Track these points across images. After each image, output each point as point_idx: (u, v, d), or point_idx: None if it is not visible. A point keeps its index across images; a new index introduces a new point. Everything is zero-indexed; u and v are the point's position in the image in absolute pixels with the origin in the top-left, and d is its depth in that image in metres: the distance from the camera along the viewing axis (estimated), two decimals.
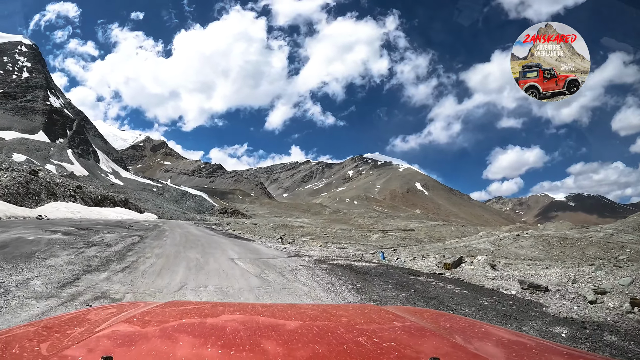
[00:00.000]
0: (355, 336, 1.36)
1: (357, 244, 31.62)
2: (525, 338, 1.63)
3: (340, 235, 46.76)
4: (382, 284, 9.80)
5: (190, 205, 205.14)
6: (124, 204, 69.18)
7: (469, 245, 29.60)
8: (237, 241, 23.58)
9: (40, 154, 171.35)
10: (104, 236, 16.28)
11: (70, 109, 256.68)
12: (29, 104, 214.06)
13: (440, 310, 6.51)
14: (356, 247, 25.19)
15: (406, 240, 42.45)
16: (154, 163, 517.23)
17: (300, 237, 37.94)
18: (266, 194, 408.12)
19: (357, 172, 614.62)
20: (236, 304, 2.16)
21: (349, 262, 14.07)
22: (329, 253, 18.74)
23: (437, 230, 66.38)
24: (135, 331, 1.36)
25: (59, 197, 42.05)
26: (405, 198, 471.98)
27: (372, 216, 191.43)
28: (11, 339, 1.29)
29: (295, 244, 25.24)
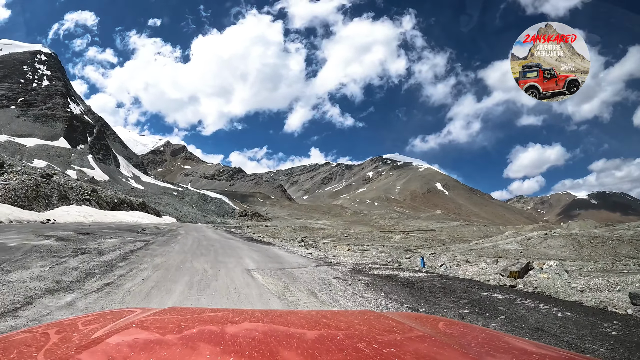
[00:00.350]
0: (355, 342, 1.36)
1: (380, 245, 30.59)
2: (525, 343, 1.63)
3: (361, 237, 45.76)
4: (451, 305, 7.26)
5: (210, 208, 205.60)
6: (142, 207, 67.71)
7: (495, 245, 28.60)
8: (256, 246, 21.23)
9: (61, 159, 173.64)
10: (102, 242, 14.32)
11: (90, 115, 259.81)
12: (49, 112, 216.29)
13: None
14: (379, 249, 24.00)
15: (428, 242, 41.22)
16: (174, 167, 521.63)
17: (321, 239, 37.11)
18: (286, 196, 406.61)
19: (377, 173, 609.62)
20: (236, 310, 2.05)
21: (391, 272, 11.52)
22: (362, 259, 16.26)
23: (458, 230, 65.13)
24: (133, 338, 1.35)
25: (72, 200, 40.43)
26: (425, 198, 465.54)
27: (392, 217, 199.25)
28: (9, 345, 1.28)
29: (320, 248, 22.88)
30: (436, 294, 8.29)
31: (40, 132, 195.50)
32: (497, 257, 22.95)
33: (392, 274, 11.04)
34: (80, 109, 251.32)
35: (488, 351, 1.41)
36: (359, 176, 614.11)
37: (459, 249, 30.95)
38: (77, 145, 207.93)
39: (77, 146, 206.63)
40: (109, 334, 1.37)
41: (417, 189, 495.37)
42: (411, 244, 36.43)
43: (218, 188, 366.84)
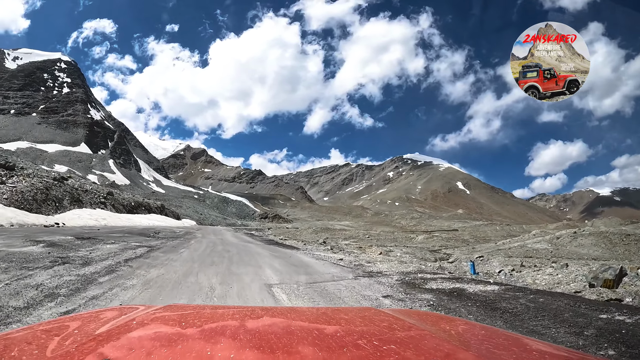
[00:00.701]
0: (356, 339, 1.37)
1: (403, 246, 29.82)
2: (526, 340, 1.63)
3: (383, 237, 45.18)
4: (580, 341, 4.76)
5: (231, 211, 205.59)
6: (160, 210, 66.12)
7: (523, 245, 27.76)
8: (278, 250, 19.00)
9: (82, 165, 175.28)
10: (98, 248, 12.33)
11: (110, 121, 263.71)
12: (70, 118, 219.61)
13: None
14: (403, 250, 23.32)
15: (452, 241, 40.56)
16: (195, 171, 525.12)
17: (343, 240, 36.41)
18: (307, 198, 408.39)
19: (398, 173, 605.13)
20: (236, 307, 2.10)
21: (453, 285, 8.94)
22: (401, 265, 13.75)
23: (481, 230, 64.71)
24: (133, 335, 1.36)
25: (86, 203, 38.81)
26: (446, 198, 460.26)
27: (414, 217, 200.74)
28: (10, 342, 1.28)
29: (349, 252, 20.62)
30: (540, 321, 5.74)
31: (61, 138, 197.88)
32: (527, 257, 22.05)
33: (455, 288, 8.51)
34: (101, 115, 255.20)
35: (488, 348, 1.43)
36: (380, 177, 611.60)
37: (486, 249, 29.86)
38: (98, 151, 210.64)
39: (98, 151, 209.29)
40: (110, 330, 1.39)
41: (438, 189, 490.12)
42: (435, 244, 35.69)
43: (239, 191, 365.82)
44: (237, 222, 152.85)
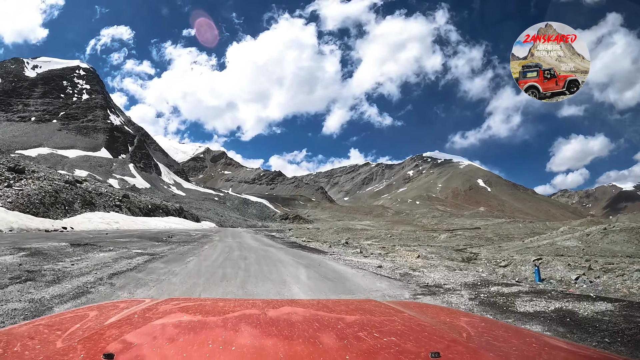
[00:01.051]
0: (356, 331, 1.38)
1: (427, 245, 29.42)
2: (525, 332, 1.66)
3: (405, 236, 44.38)
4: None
5: (252, 212, 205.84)
6: (179, 213, 64.52)
7: (553, 243, 26.72)
8: (304, 256, 16.58)
9: (103, 169, 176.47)
10: (88, 257, 10.46)
11: (130, 125, 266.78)
12: (90, 124, 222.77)
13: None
14: (427, 249, 22.78)
15: (475, 240, 39.25)
16: (215, 173, 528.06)
17: (365, 240, 35.78)
18: (327, 198, 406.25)
19: (418, 172, 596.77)
20: (237, 300, 2.11)
21: (552, 305, 6.44)
22: (459, 275, 11.31)
23: (504, 227, 62.30)
24: (136, 328, 1.37)
25: (99, 206, 37.19)
26: (467, 196, 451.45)
27: (435, 216, 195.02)
28: (13, 338, 1.30)
29: (383, 255, 18.25)
30: None
31: (81, 144, 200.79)
32: (558, 255, 20.64)
33: (561, 310, 6.02)
34: (121, 120, 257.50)
35: (488, 340, 1.44)
36: (399, 175, 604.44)
37: (514, 247, 28.27)
38: (119, 155, 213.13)
39: (118, 156, 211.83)
40: (113, 324, 1.40)
41: (458, 187, 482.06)
42: (459, 243, 34.62)
43: (259, 192, 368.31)
44: (258, 224, 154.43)
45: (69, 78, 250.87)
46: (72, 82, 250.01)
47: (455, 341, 1.29)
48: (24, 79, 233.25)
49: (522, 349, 1.33)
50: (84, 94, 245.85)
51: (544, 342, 1.46)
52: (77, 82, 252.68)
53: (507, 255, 20.15)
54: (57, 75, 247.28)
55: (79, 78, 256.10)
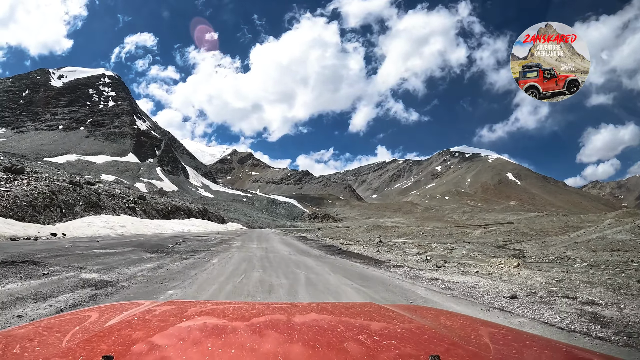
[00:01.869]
0: (356, 334, 1.38)
1: (463, 242, 28.70)
2: (525, 335, 1.65)
3: (438, 233, 43.41)
4: None
5: (280, 212, 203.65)
6: (202, 214, 59.89)
7: (603, 237, 25.67)
8: (357, 271, 11.69)
9: (130, 173, 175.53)
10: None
11: (157, 130, 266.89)
12: (117, 130, 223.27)
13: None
14: (466, 247, 22.59)
15: (512, 235, 37.47)
16: (242, 174, 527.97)
17: (397, 237, 35.27)
18: (355, 196, 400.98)
19: (446, 167, 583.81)
20: (236, 302, 2.11)
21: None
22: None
23: (537, 222, 59.46)
24: (136, 330, 1.36)
25: (107, 209, 32.63)
26: (497, 190, 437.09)
27: (465, 211, 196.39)
28: (12, 339, 1.30)
29: (464, 266, 13.91)
30: None
31: (109, 150, 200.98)
32: (614, 250, 19.54)
33: None
34: (147, 125, 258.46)
35: (488, 343, 1.43)
36: (427, 171, 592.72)
37: (561, 242, 26.80)
38: (146, 160, 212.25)
39: (145, 160, 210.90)
40: (112, 326, 1.40)
41: (487, 181, 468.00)
42: (497, 239, 33.66)
43: (287, 192, 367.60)
44: (287, 224, 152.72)
45: (95, 86, 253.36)
46: (98, 90, 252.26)
47: (455, 344, 1.29)
48: (51, 88, 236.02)
49: (522, 351, 1.35)
50: (110, 101, 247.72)
51: (545, 344, 1.46)
52: (102, 89, 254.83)
53: (558, 252, 19.43)
54: (83, 83, 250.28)
55: (104, 86, 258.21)
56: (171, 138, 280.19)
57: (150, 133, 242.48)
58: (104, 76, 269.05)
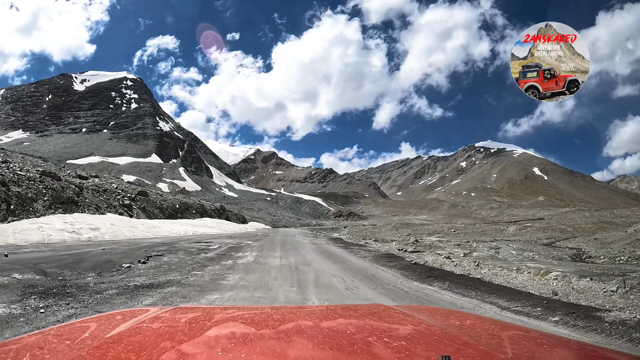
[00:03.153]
0: (366, 336, 1.36)
1: (504, 241, 26.19)
2: (535, 334, 1.65)
3: (470, 231, 42.48)
4: None
5: (305, 210, 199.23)
6: (219, 213, 52.21)
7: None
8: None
9: (152, 174, 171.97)
10: None
11: (180, 131, 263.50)
12: (140, 131, 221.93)
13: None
14: (512, 246, 21.03)
15: (549, 232, 36.49)
16: (266, 174, 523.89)
17: (427, 235, 34.94)
18: (380, 193, 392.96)
19: (471, 163, 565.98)
20: (245, 307, 2.15)
21: None
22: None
23: (569, 217, 59.18)
24: (144, 337, 1.35)
25: (87, 206, 26.19)
26: (524, 185, 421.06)
27: (493, 207, 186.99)
28: (22, 347, 1.29)
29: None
30: None
31: (132, 151, 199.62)
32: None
33: None
34: (170, 126, 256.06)
35: (499, 342, 1.42)
36: (452, 167, 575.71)
37: (619, 239, 24.58)
38: (169, 160, 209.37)
39: (169, 161, 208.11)
40: (121, 333, 1.39)
41: (514, 176, 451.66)
42: (537, 236, 32.71)
43: (311, 190, 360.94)
44: (312, 222, 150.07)
45: (117, 89, 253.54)
46: (120, 93, 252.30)
47: (465, 344, 1.28)
48: (73, 92, 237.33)
49: (534, 350, 1.33)
50: (132, 103, 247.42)
51: (556, 342, 1.44)
52: (125, 92, 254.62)
53: (626, 251, 17.90)
54: (105, 87, 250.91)
55: (126, 88, 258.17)
56: (194, 138, 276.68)
57: (173, 134, 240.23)
58: (125, 79, 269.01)
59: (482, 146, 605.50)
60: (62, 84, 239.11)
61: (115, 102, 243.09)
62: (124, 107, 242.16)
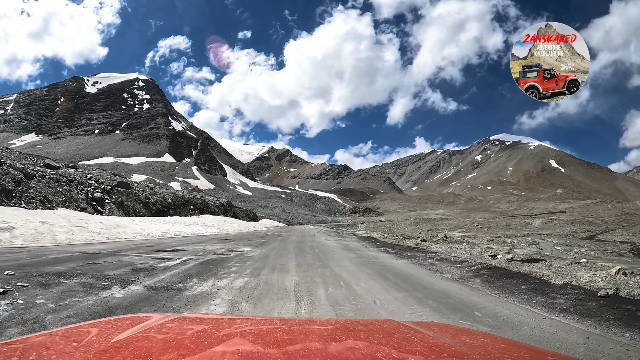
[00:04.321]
0: (374, 352, 1.31)
1: (539, 235, 24.99)
2: (548, 354, 1.57)
3: (494, 225, 40.85)
4: None
5: (320, 207, 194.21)
6: (225, 210, 45.04)
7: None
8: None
9: (164, 173, 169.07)
10: None
11: (193, 130, 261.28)
12: (152, 131, 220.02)
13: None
14: (553, 242, 19.56)
15: (577, 225, 34.03)
16: (281, 171, 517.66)
17: (450, 231, 33.01)
18: (395, 189, 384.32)
19: (486, 156, 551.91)
20: (254, 318, 2.07)
21: None
22: None
23: (591, 209, 57.85)
24: (151, 343, 1.34)
25: (30, 199, 18.87)
26: (541, 178, 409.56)
27: (510, 201, 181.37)
28: (28, 347, 1.28)
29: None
30: None
31: (145, 151, 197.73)
32: None
33: None
34: (183, 125, 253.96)
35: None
36: (467, 161, 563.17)
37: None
38: (183, 159, 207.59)
39: (182, 160, 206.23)
40: (128, 338, 1.38)
41: (530, 169, 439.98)
42: (571, 229, 31.01)
43: (326, 187, 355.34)
44: (328, 219, 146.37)
45: (129, 90, 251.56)
46: (132, 94, 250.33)
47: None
48: (85, 95, 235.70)
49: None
50: (144, 104, 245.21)
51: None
52: (137, 93, 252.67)
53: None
54: (117, 88, 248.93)
55: (138, 89, 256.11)
56: (207, 137, 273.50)
57: (186, 133, 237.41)
58: (137, 80, 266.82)
59: (497, 139, 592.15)
60: (74, 86, 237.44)
61: (127, 104, 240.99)
62: (136, 108, 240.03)
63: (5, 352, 1.17)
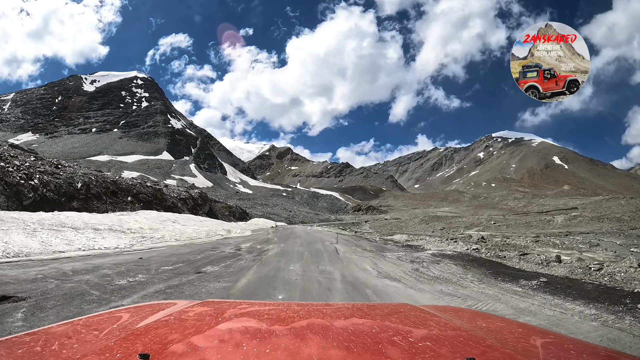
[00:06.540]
0: (391, 335, 1.32)
1: (587, 234, 23.15)
2: (563, 339, 1.57)
3: (512, 222, 37.94)
4: None
5: (322, 205, 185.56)
6: (194, 205, 31.93)
7: None
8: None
9: (160, 170, 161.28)
10: None
11: (192, 128, 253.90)
12: (151, 129, 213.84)
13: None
14: (618, 243, 16.65)
15: (605, 222, 32.71)
16: (282, 169, 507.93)
17: (465, 229, 31.83)
18: (398, 186, 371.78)
19: (489, 153, 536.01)
20: (272, 303, 2.13)
21: None
22: None
23: (604, 206, 54.51)
24: (171, 329, 1.33)
25: None
26: (544, 175, 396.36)
27: (517, 197, 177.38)
28: (51, 337, 1.29)
29: None
30: None
31: (143, 149, 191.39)
32: None
33: None
34: (182, 123, 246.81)
35: (525, 346, 1.34)
36: (470, 158, 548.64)
37: None
38: (182, 157, 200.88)
39: (181, 158, 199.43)
40: (149, 325, 1.38)
41: (534, 166, 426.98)
42: (602, 226, 30.14)
43: (327, 185, 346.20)
44: (331, 217, 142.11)
45: (127, 88, 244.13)
46: (131, 92, 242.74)
47: (491, 347, 1.22)
48: (83, 93, 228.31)
49: (561, 356, 1.24)
50: (143, 102, 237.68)
51: (583, 349, 1.34)
52: (135, 91, 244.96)
53: None
54: (115, 87, 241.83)
55: (137, 87, 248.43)
56: (207, 136, 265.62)
57: (185, 131, 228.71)
58: (136, 78, 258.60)
59: (499, 136, 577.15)
60: (71, 85, 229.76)
61: (125, 102, 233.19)
62: (134, 106, 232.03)
63: (29, 343, 1.17)
